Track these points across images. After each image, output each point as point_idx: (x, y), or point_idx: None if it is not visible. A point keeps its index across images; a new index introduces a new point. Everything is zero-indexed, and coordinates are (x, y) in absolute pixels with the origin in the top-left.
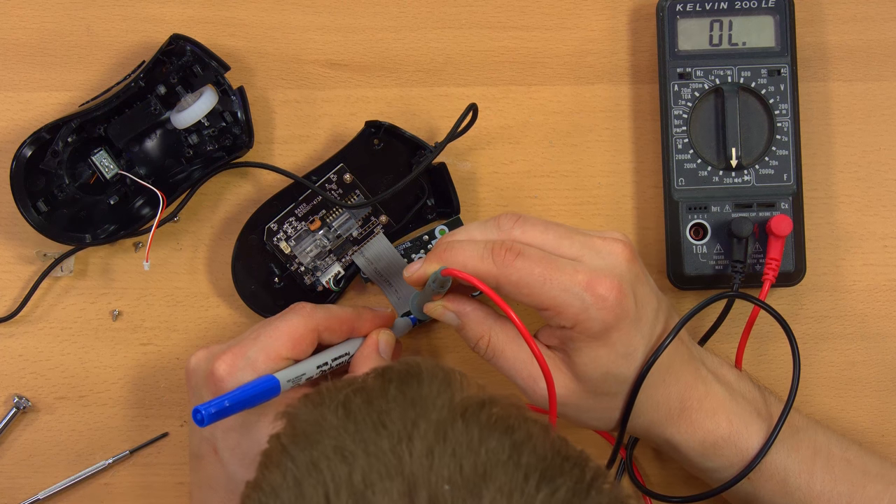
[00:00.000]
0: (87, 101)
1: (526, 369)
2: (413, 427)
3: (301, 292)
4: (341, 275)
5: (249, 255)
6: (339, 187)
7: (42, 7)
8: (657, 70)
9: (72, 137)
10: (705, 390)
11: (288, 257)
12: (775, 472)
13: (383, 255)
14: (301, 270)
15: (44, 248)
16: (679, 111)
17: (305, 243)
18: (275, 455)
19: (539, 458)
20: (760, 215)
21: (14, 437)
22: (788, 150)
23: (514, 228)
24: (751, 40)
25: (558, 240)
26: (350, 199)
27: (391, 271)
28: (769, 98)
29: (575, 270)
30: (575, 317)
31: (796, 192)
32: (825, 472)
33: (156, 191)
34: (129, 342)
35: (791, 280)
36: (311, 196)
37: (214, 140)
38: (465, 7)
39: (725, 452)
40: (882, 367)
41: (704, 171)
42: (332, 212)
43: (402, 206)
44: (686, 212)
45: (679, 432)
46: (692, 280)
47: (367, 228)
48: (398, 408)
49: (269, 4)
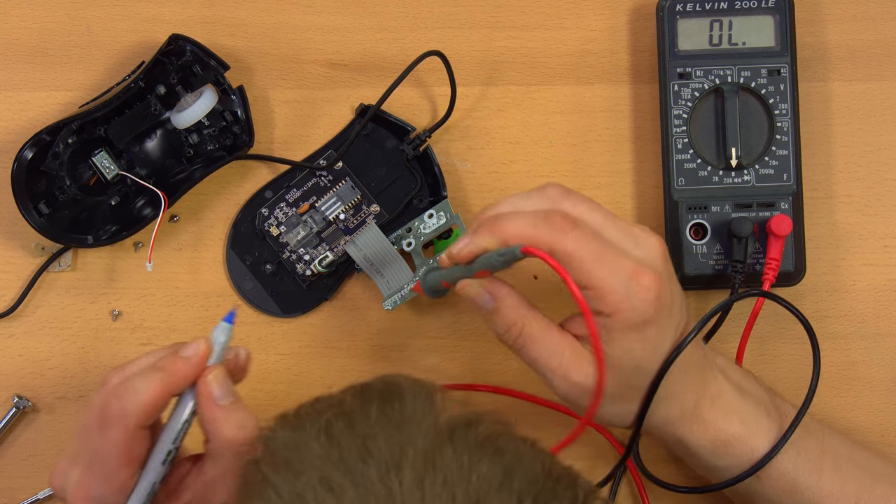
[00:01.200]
0: (88, 103)
1: (557, 360)
2: (401, 454)
3: (291, 279)
4: (330, 259)
5: (243, 243)
6: (329, 173)
7: (42, 7)
8: (657, 70)
9: (72, 139)
10: (717, 390)
11: (279, 243)
12: (785, 472)
13: (374, 243)
14: (293, 259)
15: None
16: (679, 111)
17: (296, 228)
18: (256, 485)
19: (531, 481)
20: (760, 215)
21: (14, 437)
22: (788, 150)
23: (563, 200)
24: (751, 40)
25: (604, 221)
26: (339, 185)
27: (381, 259)
28: (769, 98)
29: (623, 256)
30: (616, 304)
31: (796, 192)
32: (834, 472)
33: (157, 191)
34: (129, 342)
35: (791, 280)
36: (301, 182)
37: (215, 139)
38: (465, 7)
39: (736, 451)
40: (882, 367)
41: (704, 170)
42: (321, 197)
43: (393, 195)
44: (686, 212)
45: (692, 431)
46: (692, 280)
47: (358, 218)
48: (382, 432)
49: (269, 4)
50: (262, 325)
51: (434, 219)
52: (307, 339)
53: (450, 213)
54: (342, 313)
